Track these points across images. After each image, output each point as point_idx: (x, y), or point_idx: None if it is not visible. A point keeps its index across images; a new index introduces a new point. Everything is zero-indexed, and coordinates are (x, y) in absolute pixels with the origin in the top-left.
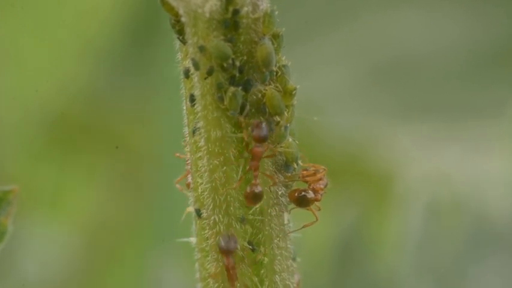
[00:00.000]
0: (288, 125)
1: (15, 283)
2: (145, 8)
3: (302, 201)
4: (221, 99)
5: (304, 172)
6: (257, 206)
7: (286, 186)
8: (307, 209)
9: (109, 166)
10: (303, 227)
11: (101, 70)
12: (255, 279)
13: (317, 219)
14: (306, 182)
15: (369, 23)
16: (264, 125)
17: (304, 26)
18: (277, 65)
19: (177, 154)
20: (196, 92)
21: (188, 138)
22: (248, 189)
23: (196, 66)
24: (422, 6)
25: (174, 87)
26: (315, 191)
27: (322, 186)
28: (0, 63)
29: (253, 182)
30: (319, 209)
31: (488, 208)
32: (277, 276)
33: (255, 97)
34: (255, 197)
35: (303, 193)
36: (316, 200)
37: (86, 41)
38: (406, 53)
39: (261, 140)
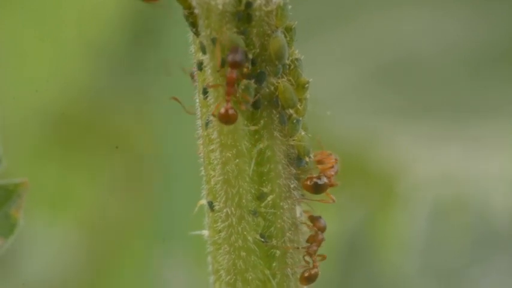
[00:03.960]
0: (301, 118)
1: (16, 282)
2: (146, 7)
3: (318, 188)
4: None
5: (317, 157)
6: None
7: (299, 180)
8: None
9: (110, 165)
10: (319, 200)
11: (102, 70)
12: (267, 272)
13: (334, 201)
14: (318, 167)
15: (372, 22)
16: (240, 50)
17: (307, 25)
18: (290, 58)
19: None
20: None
21: (201, 131)
22: (222, 110)
23: (204, 50)
24: (425, 6)
25: (175, 87)
26: (326, 177)
27: (333, 173)
28: (0, 63)
29: (225, 104)
30: (334, 201)
31: (493, 208)
32: (289, 269)
33: (267, 90)
34: (228, 118)
35: (315, 180)
36: (331, 185)
37: (86, 41)
38: (409, 52)
39: (236, 65)
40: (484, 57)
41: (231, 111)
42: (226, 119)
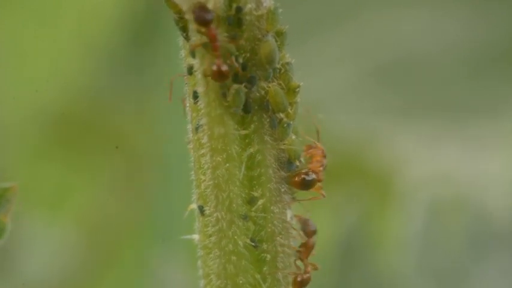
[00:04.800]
0: (291, 122)
1: (15, 283)
2: (146, 7)
3: (306, 184)
4: (224, 96)
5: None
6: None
7: (289, 183)
8: (313, 191)
9: (109, 166)
10: (310, 199)
11: (102, 70)
12: (258, 276)
13: (324, 196)
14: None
15: (371, 22)
16: (202, 6)
17: (306, 25)
18: (281, 62)
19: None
20: (200, 89)
21: (191, 135)
22: (214, 67)
23: (194, 55)
24: (425, 6)
25: (175, 87)
26: (314, 172)
27: (321, 168)
28: (0, 63)
29: (216, 61)
30: (324, 196)
31: (491, 207)
32: (279, 273)
33: (258, 94)
34: (221, 74)
35: (303, 176)
36: (319, 180)
37: (86, 41)
38: (408, 52)
39: (204, 23)
40: (483, 57)
41: (224, 68)
42: (219, 75)
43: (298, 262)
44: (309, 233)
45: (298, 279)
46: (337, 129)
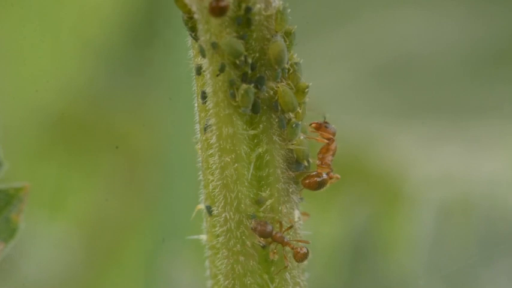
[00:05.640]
0: (300, 122)
1: (15, 283)
2: (146, 8)
3: (320, 185)
4: (233, 96)
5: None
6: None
7: (297, 184)
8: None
9: (109, 166)
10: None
11: (101, 70)
12: (265, 276)
13: (338, 178)
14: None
15: (371, 22)
16: None
17: (306, 26)
18: (289, 62)
19: None
20: (208, 89)
21: (199, 135)
22: (213, 3)
23: (203, 53)
24: (424, 6)
25: (175, 87)
26: (326, 164)
27: (330, 158)
28: (0, 63)
29: None
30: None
31: (497, 208)
32: (287, 273)
33: (267, 94)
34: (220, 10)
35: (316, 178)
36: (331, 178)
37: (86, 41)
38: (408, 52)
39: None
40: (483, 57)
41: (223, 3)
42: (219, 9)
43: (286, 247)
44: (266, 234)
45: (301, 252)
46: (338, 130)
